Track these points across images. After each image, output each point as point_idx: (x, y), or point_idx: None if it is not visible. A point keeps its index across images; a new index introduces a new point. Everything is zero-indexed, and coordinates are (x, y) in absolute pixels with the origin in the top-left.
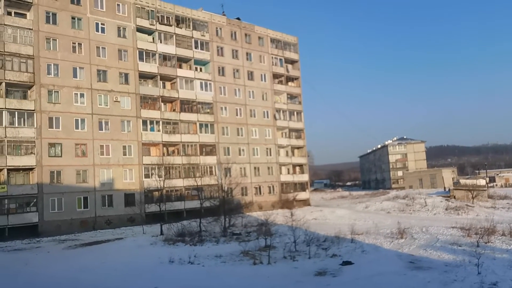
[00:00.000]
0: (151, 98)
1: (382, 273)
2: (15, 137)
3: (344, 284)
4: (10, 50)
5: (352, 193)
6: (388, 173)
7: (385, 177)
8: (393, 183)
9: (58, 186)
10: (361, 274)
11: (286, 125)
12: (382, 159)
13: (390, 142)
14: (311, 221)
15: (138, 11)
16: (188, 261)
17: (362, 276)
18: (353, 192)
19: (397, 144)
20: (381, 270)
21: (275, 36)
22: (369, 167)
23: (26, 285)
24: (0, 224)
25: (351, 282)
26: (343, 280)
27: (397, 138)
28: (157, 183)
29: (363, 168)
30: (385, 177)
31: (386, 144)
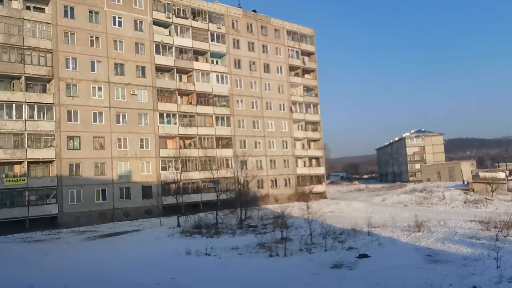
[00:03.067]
0: (168, 91)
1: (399, 266)
2: (35, 130)
3: (360, 276)
4: (29, 44)
5: (368, 186)
6: (406, 166)
7: (402, 170)
8: (411, 176)
9: (77, 179)
10: (377, 267)
11: (303, 118)
12: (399, 151)
13: (407, 134)
14: (327, 214)
15: (154, 4)
16: (205, 253)
17: (379, 269)
18: (369, 185)
19: (414, 137)
20: (398, 263)
21: (291, 28)
22: (386, 160)
23: (46, 275)
24: (21, 216)
25: (367, 275)
26: (359, 273)
27: (415, 131)
28: (174, 175)
29: (380, 161)
30: (402, 170)
31: (404, 137)
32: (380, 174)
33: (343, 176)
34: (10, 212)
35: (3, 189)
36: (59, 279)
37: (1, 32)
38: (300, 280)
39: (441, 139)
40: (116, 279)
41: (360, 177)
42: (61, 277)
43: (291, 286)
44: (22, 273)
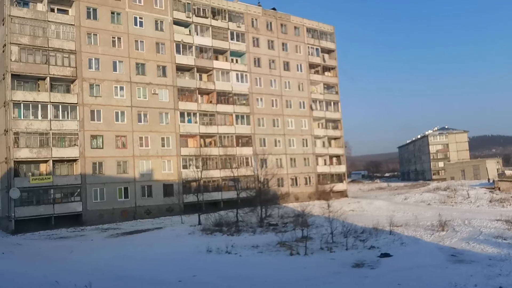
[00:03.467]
0: (188, 90)
1: (422, 266)
2: (60, 129)
3: (382, 276)
4: (53, 45)
5: (390, 184)
6: (429, 164)
7: (425, 168)
8: (434, 174)
9: (100, 177)
10: (400, 266)
11: (323, 116)
12: (422, 149)
13: (430, 132)
14: (349, 212)
15: (174, 4)
16: (225, 251)
17: (401, 269)
18: (391, 184)
19: (438, 134)
20: (420, 262)
21: (311, 26)
22: (408, 158)
23: (71, 271)
24: (47, 213)
25: (389, 274)
26: (381, 272)
27: (438, 128)
28: (195, 174)
29: (402, 159)
30: (425, 168)
31: (427, 134)
32: (402, 173)
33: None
34: (36, 209)
35: (30, 187)
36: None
37: (26, 34)
38: (321, 279)
39: (465, 137)
40: (138, 276)
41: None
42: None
43: (312, 284)
44: (48, 269)
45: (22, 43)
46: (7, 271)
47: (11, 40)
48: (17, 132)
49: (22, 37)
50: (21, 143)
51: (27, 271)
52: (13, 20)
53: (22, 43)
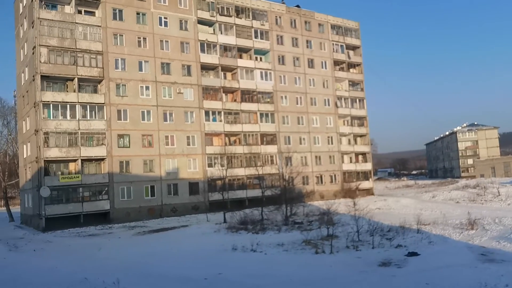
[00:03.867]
0: (213, 89)
1: (451, 265)
2: (87, 129)
3: (410, 275)
4: (81, 47)
5: (418, 182)
6: (457, 161)
7: (453, 165)
8: (463, 171)
9: (127, 176)
10: (428, 265)
11: (348, 113)
12: (450, 146)
13: (459, 128)
14: (375, 210)
15: (198, 3)
16: (250, 249)
17: (429, 268)
18: (419, 181)
19: (467, 131)
20: (449, 262)
21: (335, 22)
22: (436, 155)
23: (100, 268)
24: (76, 211)
25: (417, 274)
26: (408, 271)
27: (467, 124)
28: (220, 172)
29: (430, 156)
30: (454, 166)
31: (455, 131)
32: (429, 170)
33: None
34: (66, 207)
35: (59, 186)
36: (111, 272)
37: (55, 36)
38: (347, 278)
39: (495, 133)
40: (165, 273)
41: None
42: (113, 270)
43: (338, 283)
44: (77, 266)
45: (51, 45)
46: (38, 268)
47: (41, 42)
48: (47, 132)
49: (50, 39)
50: (51, 143)
51: (58, 268)
52: (42, 22)
53: (51, 45)
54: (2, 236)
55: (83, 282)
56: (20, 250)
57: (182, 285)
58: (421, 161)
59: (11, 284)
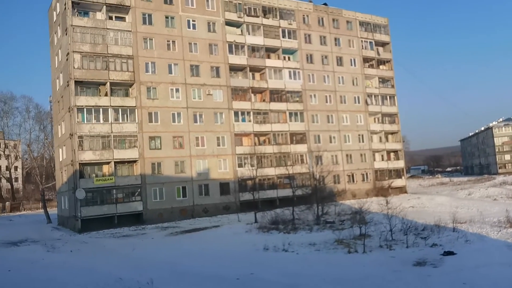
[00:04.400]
0: (242, 89)
1: (489, 265)
2: (120, 132)
3: (446, 275)
4: (112, 52)
5: (452, 179)
6: (494, 157)
7: (490, 161)
8: (500, 168)
9: (159, 177)
10: (464, 265)
11: (379, 110)
12: (486, 142)
13: (495, 123)
14: (408, 209)
15: (226, 5)
16: (282, 249)
17: (466, 267)
18: (454, 178)
19: (503, 126)
20: (487, 261)
21: (364, 19)
22: (471, 151)
23: (134, 268)
24: (110, 212)
25: (454, 273)
26: (445, 271)
27: (504, 119)
28: (250, 172)
29: (465, 153)
30: (490, 162)
31: (491, 126)
32: (465, 167)
33: (424, 169)
34: (100, 209)
35: (94, 188)
36: (145, 272)
37: (87, 42)
38: (381, 277)
39: None
40: (198, 273)
41: (443, 170)
42: (147, 270)
43: (372, 282)
44: (113, 265)
45: (84, 51)
46: (75, 268)
47: (74, 49)
48: (81, 135)
49: (83, 45)
50: (85, 146)
51: (94, 268)
52: (75, 29)
53: (84, 50)
54: (41, 237)
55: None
56: (58, 251)
57: (215, 285)
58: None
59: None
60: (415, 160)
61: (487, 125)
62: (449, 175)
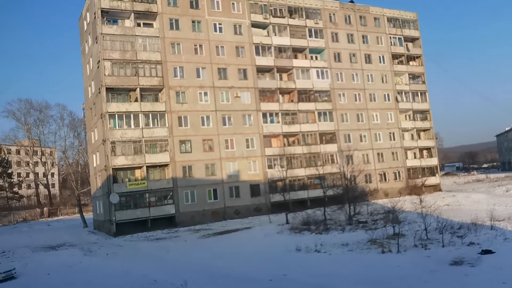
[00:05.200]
0: (269, 91)
1: None
2: (151, 136)
3: (484, 274)
4: (141, 58)
5: (489, 176)
6: None
7: None
8: None
9: (190, 180)
10: (504, 263)
11: (410, 107)
12: None
13: None
14: (443, 207)
15: (251, 7)
16: (314, 249)
17: (506, 266)
18: (490, 175)
19: None
20: None
21: (391, 15)
22: (509, 147)
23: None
24: (143, 216)
25: (493, 272)
26: (483, 270)
27: None
28: (280, 173)
29: (502, 148)
30: None
31: None
32: (502, 163)
33: (459, 166)
34: (134, 213)
35: (127, 192)
36: (179, 274)
37: (117, 50)
38: (417, 277)
39: None
40: (231, 274)
41: (479, 166)
42: (181, 272)
43: (407, 283)
44: (148, 268)
45: (114, 58)
46: (111, 271)
47: (104, 56)
48: (114, 141)
49: (113, 52)
50: (117, 151)
51: (129, 271)
52: (105, 37)
53: (114, 58)
54: (77, 241)
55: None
56: (94, 254)
57: (248, 286)
58: (492, 154)
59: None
60: (449, 157)
61: None
62: (485, 171)
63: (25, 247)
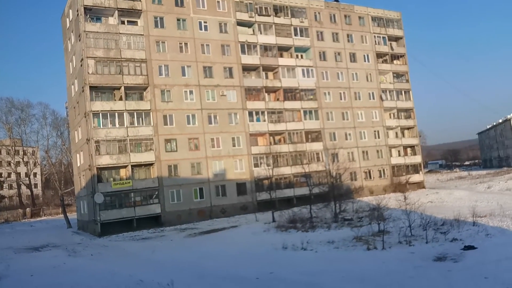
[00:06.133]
0: (255, 89)
1: (511, 258)
2: (136, 135)
3: (467, 269)
4: (126, 56)
5: (471, 173)
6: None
7: (509, 153)
8: None
9: (175, 179)
10: (486, 259)
11: (394, 106)
12: (504, 134)
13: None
14: (427, 204)
15: (237, 5)
16: (301, 247)
17: (488, 261)
18: (472, 172)
19: None
20: (509, 254)
21: (376, 14)
22: (490, 144)
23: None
24: (129, 216)
25: (475, 267)
26: (466, 265)
27: None
28: (266, 171)
29: (483, 146)
30: (509, 154)
31: (509, 118)
32: (483, 160)
33: (442, 163)
34: (119, 213)
35: (112, 191)
36: (166, 274)
37: (101, 47)
38: (402, 273)
39: None
40: (218, 273)
41: (461, 164)
42: (168, 272)
43: (393, 279)
44: (133, 268)
45: (98, 56)
46: (96, 272)
47: (88, 54)
48: (98, 140)
49: (97, 50)
50: (102, 151)
51: (115, 271)
52: (88, 35)
53: (97, 56)
54: (61, 242)
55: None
56: (79, 255)
57: (235, 285)
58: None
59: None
60: (432, 155)
61: (505, 117)
62: (467, 168)
63: (7, 249)
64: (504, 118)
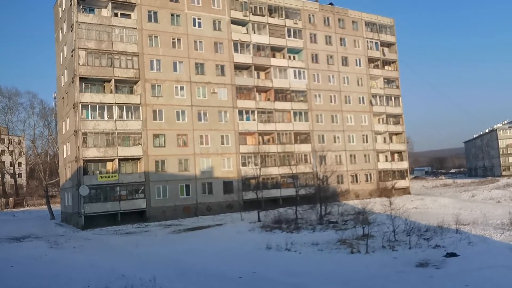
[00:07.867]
0: (246, 88)
1: (492, 267)
2: (124, 129)
3: (448, 276)
4: (117, 49)
5: (456, 181)
6: (498, 159)
7: (494, 163)
8: (504, 170)
9: (162, 175)
10: (467, 266)
11: (383, 111)
12: (490, 144)
13: (499, 125)
14: (411, 210)
15: (232, 3)
16: (285, 248)
17: (469, 269)
18: (457, 180)
19: (508, 128)
20: (490, 263)
21: (369, 19)
22: (475, 153)
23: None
24: (113, 209)
25: (456, 275)
26: (447, 272)
27: (508, 121)
28: (254, 171)
29: (469, 154)
30: (494, 164)
31: (495, 128)
32: (469, 169)
33: (428, 170)
34: (104, 206)
35: (98, 184)
36: (148, 269)
37: (93, 39)
38: (384, 278)
39: None
40: (201, 271)
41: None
42: (151, 267)
43: (375, 283)
44: (116, 262)
45: (89, 48)
46: (78, 264)
47: (79, 45)
48: (86, 132)
49: (89, 41)
50: (89, 143)
51: (97, 264)
52: (81, 26)
53: (89, 47)
54: (44, 233)
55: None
56: (61, 247)
57: (218, 283)
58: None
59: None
60: (419, 161)
61: (492, 127)
62: (452, 176)
63: None
64: (490, 128)
